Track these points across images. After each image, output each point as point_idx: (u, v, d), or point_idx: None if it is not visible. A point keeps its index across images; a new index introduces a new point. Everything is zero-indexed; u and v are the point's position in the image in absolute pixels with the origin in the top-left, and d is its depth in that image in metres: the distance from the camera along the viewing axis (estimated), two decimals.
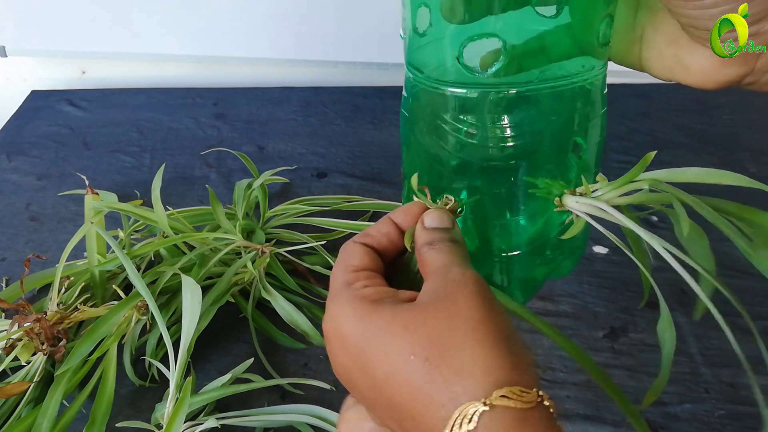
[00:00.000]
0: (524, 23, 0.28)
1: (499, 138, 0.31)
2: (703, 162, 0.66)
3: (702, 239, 0.32)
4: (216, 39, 0.80)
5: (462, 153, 0.32)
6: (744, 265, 0.60)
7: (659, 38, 0.29)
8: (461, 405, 0.21)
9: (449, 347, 0.22)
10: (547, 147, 0.32)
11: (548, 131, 0.31)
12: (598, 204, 0.31)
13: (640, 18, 0.31)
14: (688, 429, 0.43)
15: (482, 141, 0.31)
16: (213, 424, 0.38)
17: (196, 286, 0.41)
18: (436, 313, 0.24)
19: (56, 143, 0.72)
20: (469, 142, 0.31)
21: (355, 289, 0.26)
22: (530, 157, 0.32)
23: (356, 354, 0.25)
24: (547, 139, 0.32)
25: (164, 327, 0.40)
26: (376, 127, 0.75)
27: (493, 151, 0.31)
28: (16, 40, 0.80)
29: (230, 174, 0.67)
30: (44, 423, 0.38)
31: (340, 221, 0.54)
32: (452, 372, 0.22)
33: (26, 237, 0.58)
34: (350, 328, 0.25)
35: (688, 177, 0.31)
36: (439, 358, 0.22)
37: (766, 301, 0.53)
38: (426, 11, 0.29)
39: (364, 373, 0.24)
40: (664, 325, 0.33)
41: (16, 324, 0.42)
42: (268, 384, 0.42)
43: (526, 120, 0.31)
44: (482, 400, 0.21)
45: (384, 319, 0.24)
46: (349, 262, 0.28)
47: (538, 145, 0.32)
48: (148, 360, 0.43)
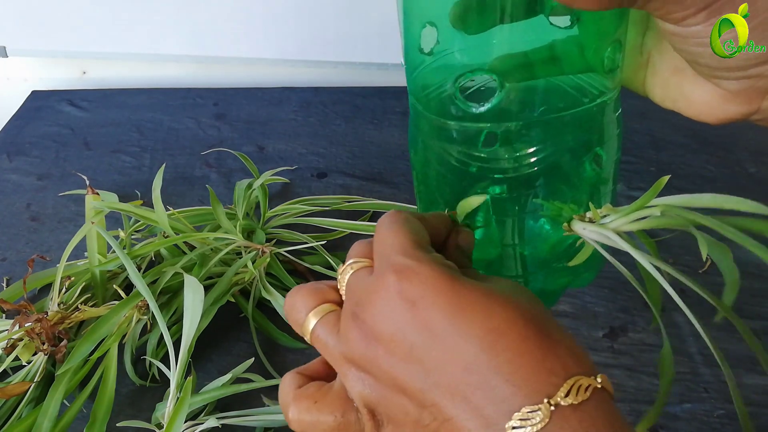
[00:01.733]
0: (536, 34, 0.27)
1: (510, 162, 0.30)
2: (702, 162, 0.66)
3: (725, 254, 0.31)
4: (216, 39, 0.80)
5: (473, 173, 0.31)
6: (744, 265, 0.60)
7: (664, 66, 0.29)
8: (574, 377, 0.21)
9: (553, 327, 0.23)
10: (562, 167, 0.31)
11: (559, 154, 0.31)
12: (606, 233, 0.30)
13: (648, 42, 0.30)
14: (687, 429, 0.43)
15: (492, 164, 0.31)
16: (214, 423, 0.38)
17: (198, 285, 0.41)
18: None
19: (57, 143, 0.72)
20: (479, 165, 0.31)
21: (437, 256, 0.25)
22: (545, 175, 0.31)
23: (450, 312, 0.23)
24: (562, 159, 0.31)
25: (165, 327, 0.40)
26: (376, 127, 0.75)
27: (507, 171, 0.31)
28: (17, 40, 0.80)
29: (230, 174, 0.67)
30: (45, 423, 0.38)
31: (340, 221, 0.54)
32: (564, 348, 0.22)
33: (27, 237, 0.58)
34: (448, 284, 0.23)
35: (703, 203, 0.30)
36: (547, 332, 0.22)
37: (766, 302, 0.53)
38: (432, 30, 0.28)
39: (447, 335, 0.22)
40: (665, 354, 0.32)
41: (17, 324, 0.42)
42: (268, 384, 0.42)
43: (537, 145, 0.30)
44: (593, 377, 0.22)
45: (482, 285, 0.24)
46: (417, 236, 0.26)
47: (550, 167, 0.31)
48: (149, 360, 0.44)
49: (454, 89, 0.28)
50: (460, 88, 0.28)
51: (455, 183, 0.32)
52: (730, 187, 0.66)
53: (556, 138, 0.30)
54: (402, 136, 0.74)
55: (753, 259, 0.62)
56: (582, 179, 0.32)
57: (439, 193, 0.33)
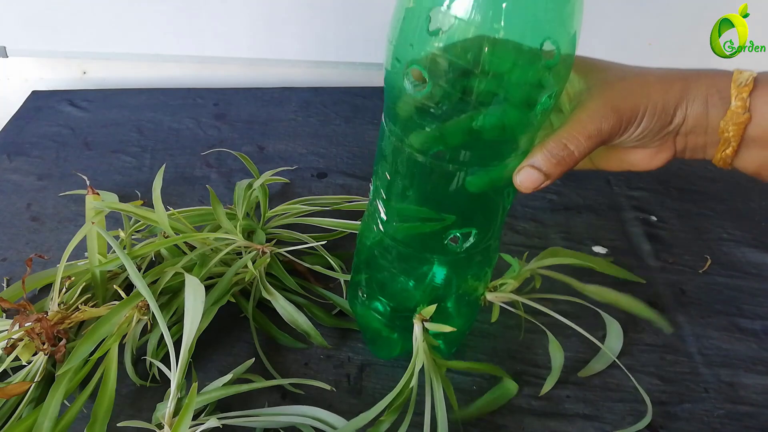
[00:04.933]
0: None
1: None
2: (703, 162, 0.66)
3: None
4: (216, 39, 0.80)
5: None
6: (744, 265, 0.61)
7: (608, 158, 0.37)
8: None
9: None
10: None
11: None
12: (508, 296, 0.43)
13: (593, 158, 0.38)
14: (687, 428, 0.43)
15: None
16: (215, 423, 0.38)
17: (199, 285, 0.41)
18: None
19: (57, 143, 0.72)
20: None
21: None
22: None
23: None
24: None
25: (165, 327, 0.40)
26: (376, 127, 0.75)
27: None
28: (17, 40, 0.80)
29: (231, 174, 0.67)
30: (45, 423, 0.38)
31: (340, 221, 0.54)
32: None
33: (27, 237, 0.58)
34: None
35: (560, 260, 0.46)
36: None
37: (766, 302, 0.53)
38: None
39: None
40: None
41: (17, 324, 0.42)
42: (269, 384, 0.42)
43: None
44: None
45: None
46: None
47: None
48: (150, 360, 0.44)
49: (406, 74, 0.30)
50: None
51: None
52: (729, 187, 0.66)
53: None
54: None
55: (753, 259, 0.63)
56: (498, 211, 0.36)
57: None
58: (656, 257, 0.56)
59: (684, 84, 0.32)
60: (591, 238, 0.58)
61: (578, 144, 0.31)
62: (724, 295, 0.53)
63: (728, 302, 0.53)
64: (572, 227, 0.60)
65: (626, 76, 0.33)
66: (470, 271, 0.39)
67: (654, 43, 0.77)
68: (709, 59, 0.47)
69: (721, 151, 0.33)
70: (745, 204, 0.64)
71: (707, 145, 0.34)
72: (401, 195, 0.34)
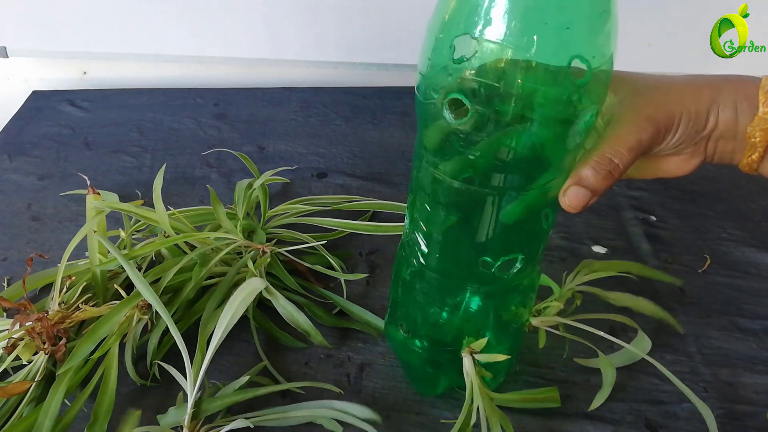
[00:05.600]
0: None
1: None
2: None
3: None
4: (216, 39, 0.80)
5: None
6: (744, 265, 0.61)
7: (637, 162, 0.37)
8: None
9: None
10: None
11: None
12: (554, 320, 0.43)
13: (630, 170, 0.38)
14: (687, 428, 0.43)
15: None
16: (242, 424, 0.38)
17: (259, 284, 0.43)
18: None
19: (57, 143, 0.72)
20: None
21: None
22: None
23: None
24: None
25: (175, 329, 0.40)
26: (376, 127, 0.76)
27: None
28: (18, 40, 0.80)
29: (231, 174, 0.67)
30: (46, 422, 0.38)
31: (340, 221, 0.54)
32: None
33: (28, 237, 0.58)
34: None
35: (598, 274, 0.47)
36: None
37: (766, 301, 0.53)
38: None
39: None
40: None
41: (18, 323, 0.42)
42: (280, 388, 0.42)
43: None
44: None
45: None
46: None
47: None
48: (156, 361, 0.43)
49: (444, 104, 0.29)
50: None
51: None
52: (729, 187, 0.66)
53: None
54: (402, 136, 0.74)
55: (753, 259, 0.63)
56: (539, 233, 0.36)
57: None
58: (656, 257, 0.57)
59: (713, 89, 0.33)
60: (591, 238, 0.58)
61: (622, 157, 0.32)
62: (724, 295, 0.53)
63: (728, 302, 0.53)
64: (572, 227, 0.60)
65: (655, 85, 0.33)
66: (516, 298, 0.39)
67: (654, 43, 0.77)
68: (709, 59, 0.47)
69: (747, 156, 0.34)
70: (745, 204, 0.64)
71: (735, 150, 0.34)
72: (443, 226, 0.34)
